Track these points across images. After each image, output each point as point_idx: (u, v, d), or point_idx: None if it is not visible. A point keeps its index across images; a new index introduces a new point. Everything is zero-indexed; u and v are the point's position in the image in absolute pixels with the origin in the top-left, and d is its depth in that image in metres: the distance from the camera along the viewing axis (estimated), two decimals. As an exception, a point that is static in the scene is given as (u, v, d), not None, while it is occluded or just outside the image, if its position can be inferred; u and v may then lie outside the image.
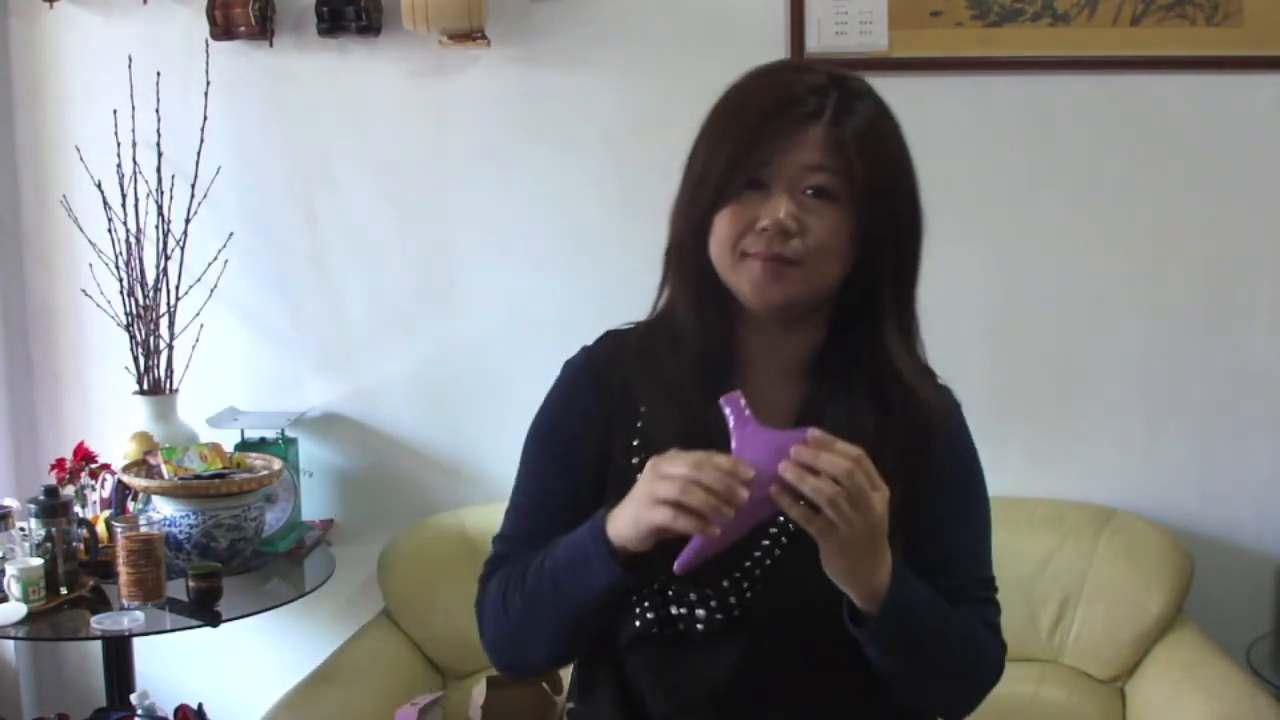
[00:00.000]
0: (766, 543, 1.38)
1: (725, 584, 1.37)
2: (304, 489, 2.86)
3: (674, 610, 1.37)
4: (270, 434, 2.83)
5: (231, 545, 2.58)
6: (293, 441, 2.85)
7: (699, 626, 1.37)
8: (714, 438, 1.29)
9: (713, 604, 1.37)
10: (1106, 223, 2.75)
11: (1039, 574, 2.59)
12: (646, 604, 1.38)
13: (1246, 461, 2.77)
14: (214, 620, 2.39)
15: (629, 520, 1.29)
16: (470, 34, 2.69)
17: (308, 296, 2.92)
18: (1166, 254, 2.75)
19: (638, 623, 1.38)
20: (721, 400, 1.27)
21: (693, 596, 1.36)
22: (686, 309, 1.42)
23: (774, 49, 2.72)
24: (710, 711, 1.39)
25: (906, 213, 1.42)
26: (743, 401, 1.26)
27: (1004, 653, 1.47)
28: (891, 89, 2.69)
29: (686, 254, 1.40)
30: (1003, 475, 2.78)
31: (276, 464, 2.69)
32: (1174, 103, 2.71)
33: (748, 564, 1.37)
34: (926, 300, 2.76)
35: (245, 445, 2.80)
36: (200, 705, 2.66)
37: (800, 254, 1.34)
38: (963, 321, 2.79)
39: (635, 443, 1.43)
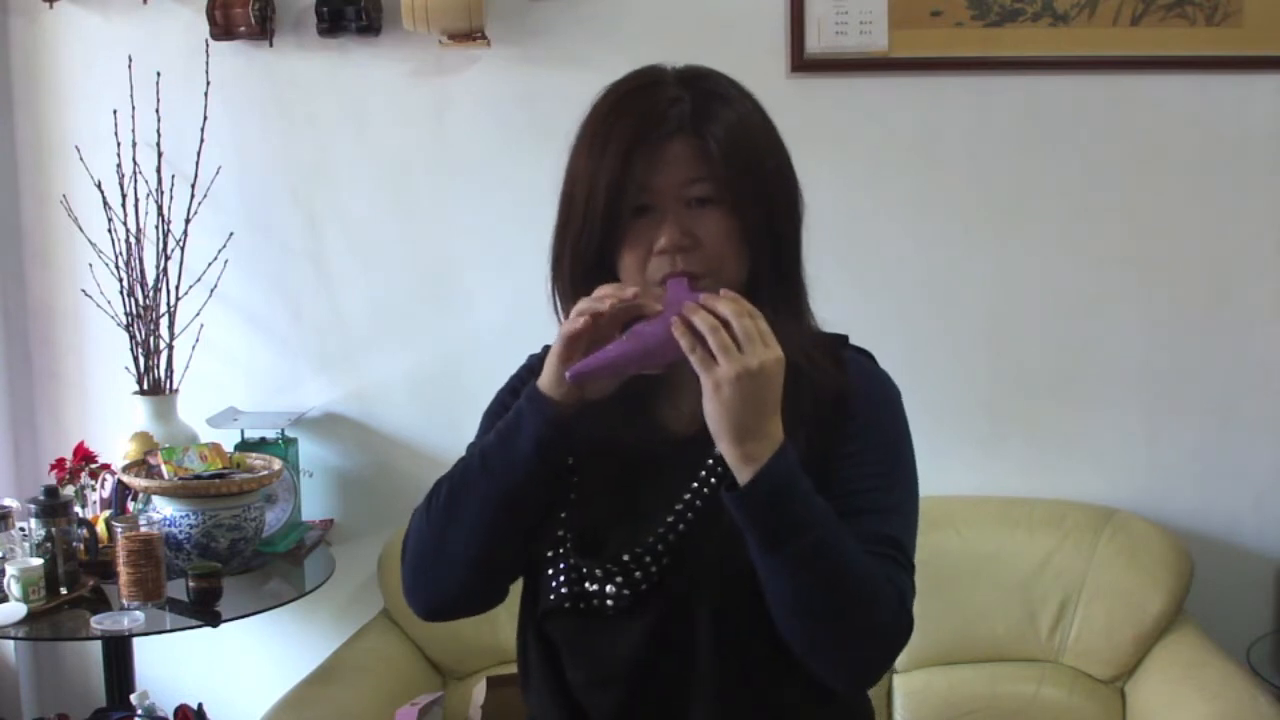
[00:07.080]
0: (671, 519, 1.40)
1: (627, 558, 1.40)
2: (304, 489, 2.86)
3: (587, 586, 1.42)
4: (270, 434, 2.83)
5: (231, 545, 2.58)
6: (293, 441, 2.85)
7: (609, 603, 1.41)
8: (633, 451, 1.40)
9: (619, 579, 1.40)
10: (1106, 222, 2.75)
11: (1039, 574, 2.59)
12: (563, 578, 1.42)
13: (1246, 461, 2.77)
14: (214, 620, 2.40)
15: (550, 361, 1.35)
16: (470, 34, 2.69)
17: (308, 296, 2.92)
18: (1166, 254, 2.75)
19: (552, 595, 1.43)
20: (669, 282, 1.35)
21: (599, 573, 1.40)
22: None
23: (774, 49, 2.72)
24: (623, 686, 1.42)
25: (780, 194, 1.44)
26: (686, 282, 1.35)
27: (909, 626, 1.37)
28: (891, 89, 2.76)
29: (580, 284, 1.45)
30: (1003, 475, 2.83)
31: (276, 464, 2.69)
32: (1174, 103, 2.71)
33: (651, 539, 1.40)
34: (926, 300, 2.78)
35: (245, 445, 2.81)
36: (200, 705, 2.66)
37: (702, 266, 1.38)
38: (963, 321, 2.79)
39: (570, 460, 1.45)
